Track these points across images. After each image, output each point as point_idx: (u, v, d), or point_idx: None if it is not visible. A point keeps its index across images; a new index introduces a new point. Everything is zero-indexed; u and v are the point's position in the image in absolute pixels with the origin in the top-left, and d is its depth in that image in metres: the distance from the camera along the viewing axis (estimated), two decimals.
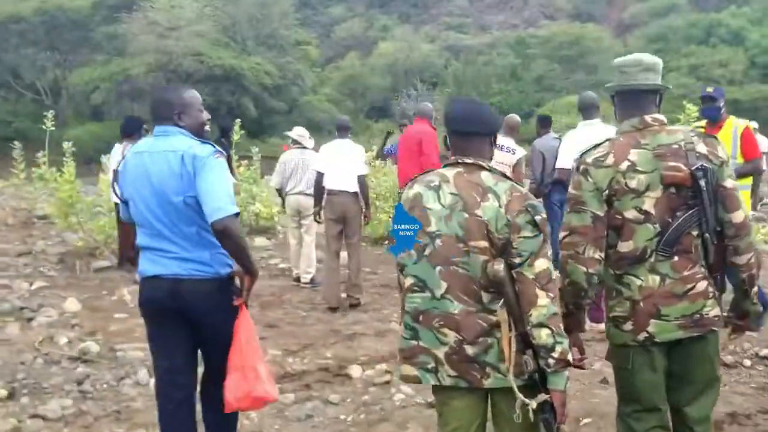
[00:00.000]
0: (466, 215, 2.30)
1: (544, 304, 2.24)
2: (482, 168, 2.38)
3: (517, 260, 2.27)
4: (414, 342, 2.44)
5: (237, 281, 2.94)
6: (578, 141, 5.39)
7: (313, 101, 45.56)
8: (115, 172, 7.89)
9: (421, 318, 2.41)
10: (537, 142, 7.43)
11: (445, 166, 2.47)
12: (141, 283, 3.07)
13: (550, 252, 2.35)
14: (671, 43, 51.37)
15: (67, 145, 8.43)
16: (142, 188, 2.89)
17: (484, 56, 50.82)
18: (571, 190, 2.56)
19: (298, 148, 7.29)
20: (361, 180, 6.41)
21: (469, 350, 2.32)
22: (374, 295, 6.87)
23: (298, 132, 7.41)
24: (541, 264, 2.27)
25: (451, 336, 2.34)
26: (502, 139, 6.48)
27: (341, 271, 6.62)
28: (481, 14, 63.52)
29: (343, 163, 6.33)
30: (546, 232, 2.30)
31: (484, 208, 2.28)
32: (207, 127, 3.11)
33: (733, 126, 5.40)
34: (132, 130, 7.46)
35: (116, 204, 8.22)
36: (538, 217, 2.27)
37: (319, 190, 6.40)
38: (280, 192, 7.32)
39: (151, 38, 36.82)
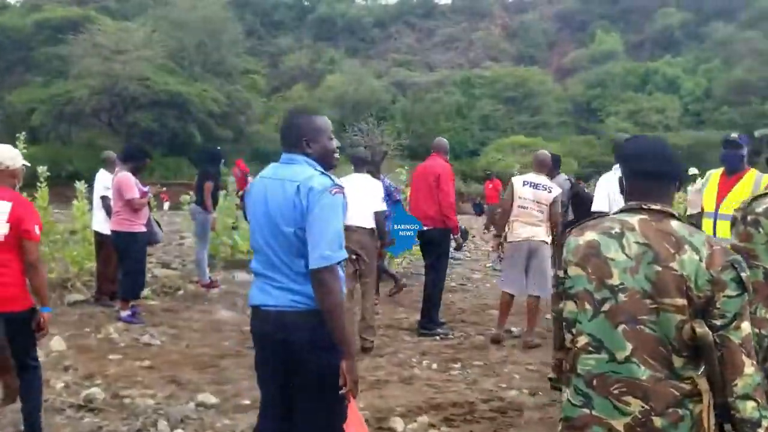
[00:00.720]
0: (658, 268, 2.04)
1: (751, 373, 1.99)
2: (671, 216, 2.14)
3: (719, 322, 2.01)
4: (585, 410, 2.14)
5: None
6: (615, 184, 5.28)
7: (260, 131, 45.02)
8: (104, 198, 7.50)
9: (595, 383, 2.12)
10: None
11: (621, 211, 2.22)
12: (251, 311, 2.90)
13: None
14: (609, 89, 53.44)
15: (41, 169, 7.83)
16: (259, 215, 2.77)
17: (431, 93, 51.54)
18: (738, 242, 2.35)
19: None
20: (379, 216, 6.12)
21: (658, 422, 2.04)
22: (383, 338, 6.53)
23: None
24: (746, 327, 2.02)
25: (636, 405, 2.06)
26: (536, 177, 6.34)
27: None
28: (428, 53, 64.63)
29: (361, 197, 6.01)
30: (750, 290, 2.07)
31: (682, 262, 2.02)
32: (337, 155, 2.84)
33: (755, 178, 4.83)
34: (130, 158, 7.03)
35: (96, 233, 7.72)
36: (743, 274, 2.04)
37: None
38: None
39: (96, 61, 35.67)
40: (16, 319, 3.69)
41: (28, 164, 4.00)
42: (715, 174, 5.07)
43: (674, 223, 2.10)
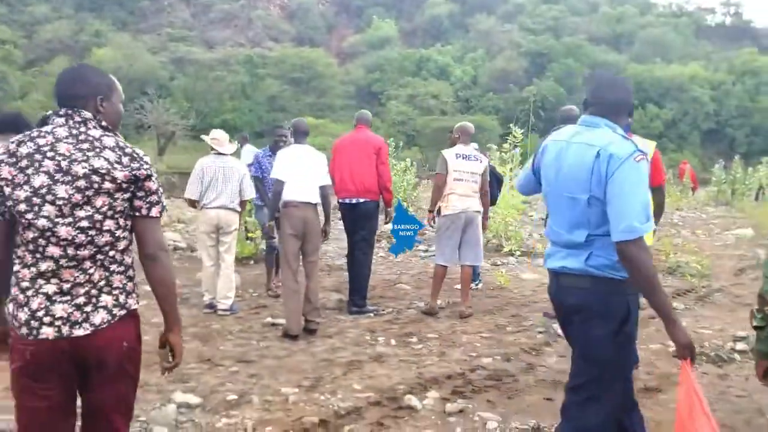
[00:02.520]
0: None
1: None
2: None
3: None
4: None
5: None
6: None
7: (23, 108, 40.00)
8: None
9: None
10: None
11: None
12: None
13: None
14: (388, 74, 55.69)
15: None
16: (553, 178, 2.72)
17: (214, 72, 49.70)
18: None
19: (215, 154, 6.33)
20: (324, 191, 5.78)
21: None
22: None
23: (214, 135, 6.44)
24: None
25: None
26: (466, 149, 6.39)
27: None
28: (205, 28, 62.12)
29: (305, 171, 5.64)
30: None
31: None
32: (631, 119, 2.77)
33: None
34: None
35: None
36: None
37: (276, 202, 5.61)
38: (195, 203, 6.28)
39: None
40: None
41: None
42: None
43: None
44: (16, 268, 2.18)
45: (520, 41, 57.31)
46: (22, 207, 2.12)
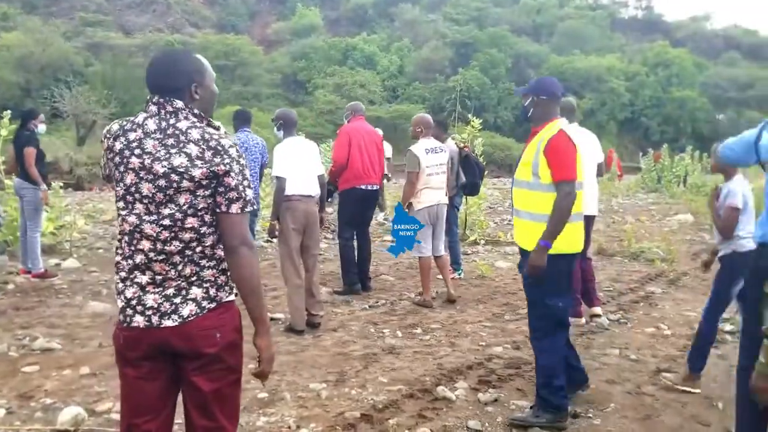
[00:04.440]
0: None
1: None
2: None
3: None
4: None
5: None
6: None
7: None
8: None
9: None
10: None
11: None
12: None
13: None
14: (314, 62, 55.07)
15: None
16: None
17: (134, 58, 47.84)
18: None
19: None
20: (322, 181, 5.69)
21: None
22: None
23: None
24: None
25: None
26: (431, 142, 6.46)
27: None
28: (121, 13, 59.65)
29: (304, 164, 5.53)
30: None
31: None
32: None
33: None
34: None
35: None
36: None
37: (281, 199, 5.46)
38: None
39: None
40: None
41: None
42: None
43: None
44: (117, 258, 2.23)
45: (445, 31, 57.81)
46: (120, 204, 2.19)
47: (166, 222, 2.14)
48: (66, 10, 58.06)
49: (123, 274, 2.20)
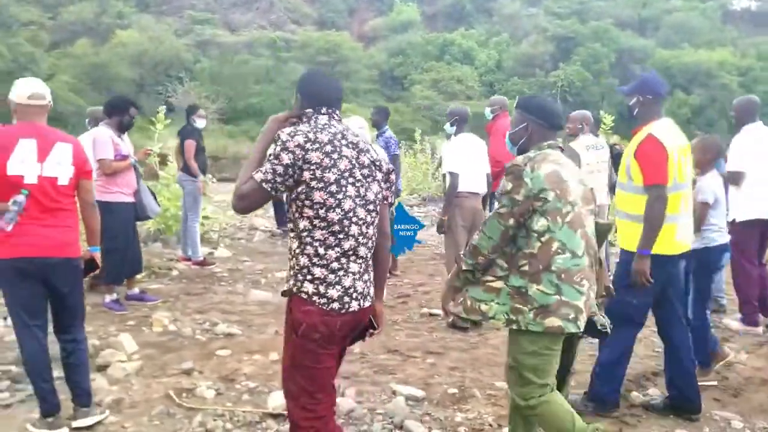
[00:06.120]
0: None
1: None
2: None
3: None
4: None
5: None
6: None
7: (52, 89, 39.84)
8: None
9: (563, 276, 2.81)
10: None
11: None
12: None
13: None
14: (411, 58, 55.24)
15: None
16: None
17: (240, 55, 49.48)
18: None
19: None
20: (489, 179, 5.69)
21: None
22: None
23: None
24: None
25: None
26: (594, 139, 6.34)
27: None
28: (227, 11, 61.75)
29: (474, 161, 5.54)
30: None
31: None
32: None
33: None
34: (114, 111, 5.84)
35: None
36: None
37: (453, 194, 5.48)
38: None
39: None
40: (73, 266, 3.48)
41: None
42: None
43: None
44: (315, 250, 2.40)
45: (545, 25, 56.71)
46: (333, 188, 2.37)
47: (371, 207, 2.50)
48: (176, 9, 60.58)
49: (334, 264, 2.42)
